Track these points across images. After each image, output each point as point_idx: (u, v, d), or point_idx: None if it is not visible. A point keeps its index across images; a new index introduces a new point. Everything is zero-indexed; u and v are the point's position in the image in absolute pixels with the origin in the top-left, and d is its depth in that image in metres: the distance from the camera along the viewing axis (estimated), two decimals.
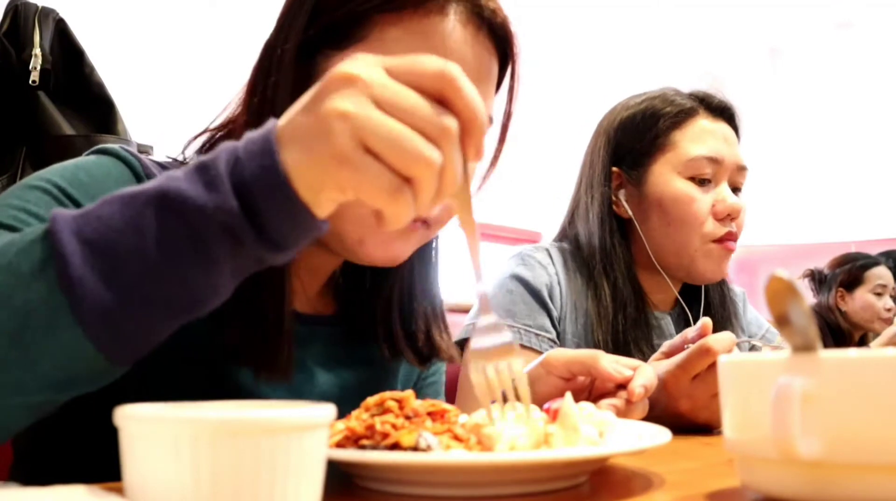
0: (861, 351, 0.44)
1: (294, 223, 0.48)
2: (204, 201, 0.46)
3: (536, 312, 1.15)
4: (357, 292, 0.80)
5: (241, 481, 0.37)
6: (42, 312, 0.46)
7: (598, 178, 1.23)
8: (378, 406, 0.55)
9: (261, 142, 0.47)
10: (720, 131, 1.21)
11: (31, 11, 1.43)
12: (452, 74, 0.47)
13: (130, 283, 0.46)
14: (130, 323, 0.47)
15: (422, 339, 0.79)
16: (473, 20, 0.67)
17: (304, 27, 0.67)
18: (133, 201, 0.47)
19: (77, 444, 0.67)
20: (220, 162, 0.47)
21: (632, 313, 1.16)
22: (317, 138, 0.46)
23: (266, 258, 0.49)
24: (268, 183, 0.46)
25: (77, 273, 0.45)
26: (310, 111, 0.47)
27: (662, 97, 1.23)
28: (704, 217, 1.17)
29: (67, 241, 0.46)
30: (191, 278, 0.47)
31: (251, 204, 0.46)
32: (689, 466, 0.66)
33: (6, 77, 1.38)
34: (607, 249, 1.19)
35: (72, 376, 0.48)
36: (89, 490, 0.40)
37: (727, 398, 0.50)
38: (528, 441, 0.53)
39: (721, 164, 1.18)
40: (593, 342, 1.14)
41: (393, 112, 0.45)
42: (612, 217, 1.21)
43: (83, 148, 1.01)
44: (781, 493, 0.46)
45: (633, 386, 0.73)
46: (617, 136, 1.24)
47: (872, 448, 0.42)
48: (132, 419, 0.38)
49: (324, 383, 0.76)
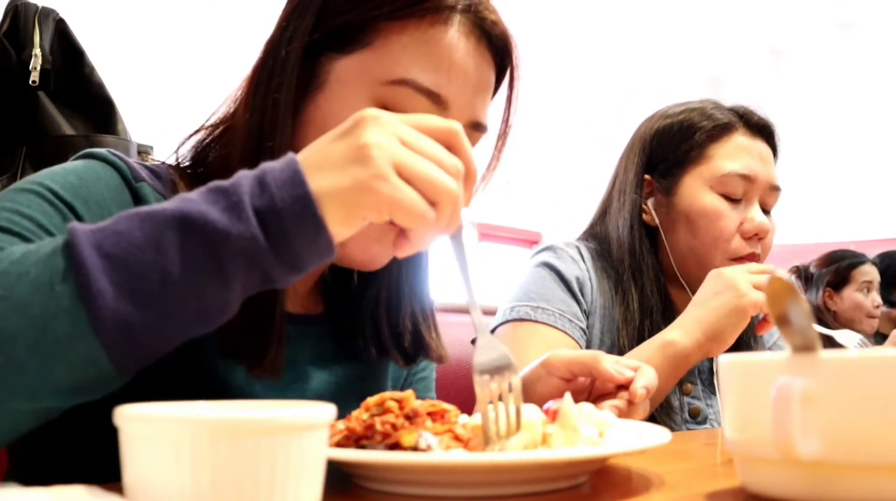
0: (861, 351, 0.44)
1: (313, 249, 0.51)
2: (225, 225, 0.48)
3: (569, 299, 1.15)
4: (345, 292, 0.81)
5: (241, 481, 0.37)
6: (61, 321, 0.47)
7: (631, 184, 1.23)
8: (378, 406, 0.55)
9: (289, 171, 0.50)
10: (756, 149, 1.19)
11: (31, 11, 1.43)
12: (457, 129, 0.55)
13: (149, 297, 0.47)
14: (146, 336, 0.48)
15: (408, 339, 0.79)
16: (475, 32, 0.69)
17: (310, 29, 0.68)
18: (151, 220, 0.49)
19: (69, 444, 0.67)
20: (242, 188, 0.50)
21: (658, 320, 1.15)
22: (355, 163, 0.50)
23: (278, 279, 0.51)
24: (298, 211, 0.49)
25: (97, 286, 0.47)
26: (343, 141, 0.52)
27: (702, 110, 1.22)
28: (731, 234, 1.16)
29: (88, 254, 0.47)
30: (207, 296, 0.49)
31: (277, 231, 0.49)
32: (689, 466, 0.66)
33: (6, 77, 1.38)
34: (636, 255, 1.19)
35: (82, 384, 0.49)
36: (89, 490, 0.41)
37: (727, 398, 0.50)
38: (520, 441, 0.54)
39: (754, 182, 1.17)
40: (618, 344, 1.14)
41: (417, 150, 0.52)
42: (641, 224, 1.21)
43: (83, 148, 1.01)
44: (781, 493, 0.46)
45: (636, 387, 0.73)
46: (652, 144, 1.23)
47: (872, 448, 0.42)
48: (132, 419, 0.38)
49: (315, 379, 0.76)
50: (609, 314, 1.17)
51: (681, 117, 1.23)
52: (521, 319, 1.13)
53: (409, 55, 0.66)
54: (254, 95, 0.68)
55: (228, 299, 0.50)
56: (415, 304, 0.80)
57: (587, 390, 0.79)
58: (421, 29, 0.67)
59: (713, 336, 1.00)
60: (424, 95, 0.66)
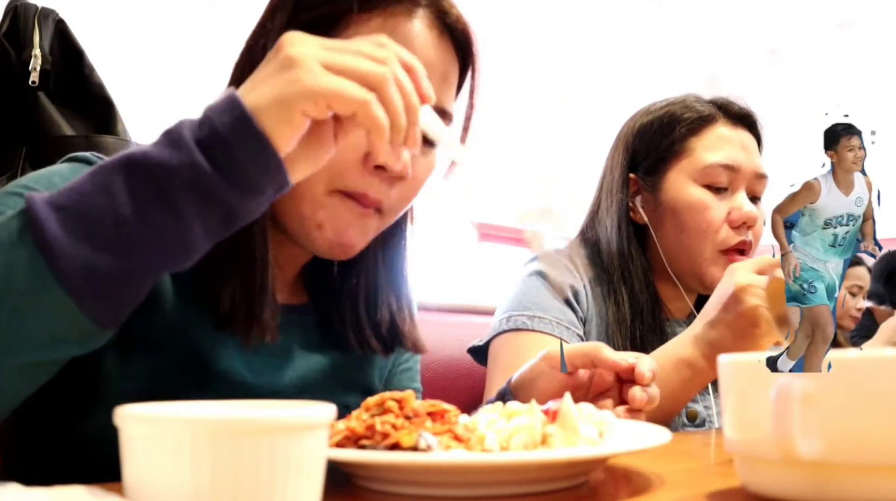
0: (861, 351, 0.44)
1: (264, 168, 0.52)
2: (165, 158, 0.51)
3: (564, 307, 1.15)
4: (327, 283, 0.83)
5: (241, 481, 0.37)
6: (23, 274, 0.49)
7: (617, 184, 1.23)
8: (378, 406, 0.55)
9: (226, 100, 0.53)
10: (738, 139, 1.19)
11: (31, 12, 1.43)
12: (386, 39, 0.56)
13: (105, 240, 0.50)
14: (109, 279, 0.51)
15: (385, 329, 0.81)
16: (437, 25, 0.73)
17: (285, 24, 0.71)
18: (101, 170, 0.52)
19: (58, 445, 0.68)
20: (183, 125, 0.52)
21: (648, 319, 1.15)
22: (282, 70, 0.53)
23: (236, 209, 0.53)
24: (238, 129, 0.51)
25: (52, 235, 0.49)
26: (271, 61, 0.54)
27: (682, 104, 1.22)
28: (718, 225, 1.15)
29: (41, 209, 0.50)
30: (163, 233, 0.51)
31: (223, 155, 0.51)
32: (689, 466, 0.66)
33: (6, 77, 1.38)
34: (625, 255, 1.19)
35: (58, 336, 0.51)
36: (89, 491, 0.41)
37: (727, 398, 0.50)
38: None
39: (738, 171, 1.17)
40: (612, 347, 1.13)
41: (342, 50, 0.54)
42: (628, 224, 1.21)
43: (83, 148, 1.01)
44: (781, 493, 0.46)
45: (642, 370, 0.74)
46: (635, 142, 1.23)
47: (872, 448, 0.42)
48: (132, 419, 0.38)
49: (303, 366, 0.77)
50: (604, 321, 1.16)
51: (661, 113, 1.23)
52: (518, 328, 1.12)
53: None
54: None
55: (187, 236, 0.52)
56: (391, 294, 0.82)
57: (587, 385, 0.79)
58: (388, 21, 0.71)
59: None
60: None
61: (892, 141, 2.68)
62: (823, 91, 5.42)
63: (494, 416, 0.58)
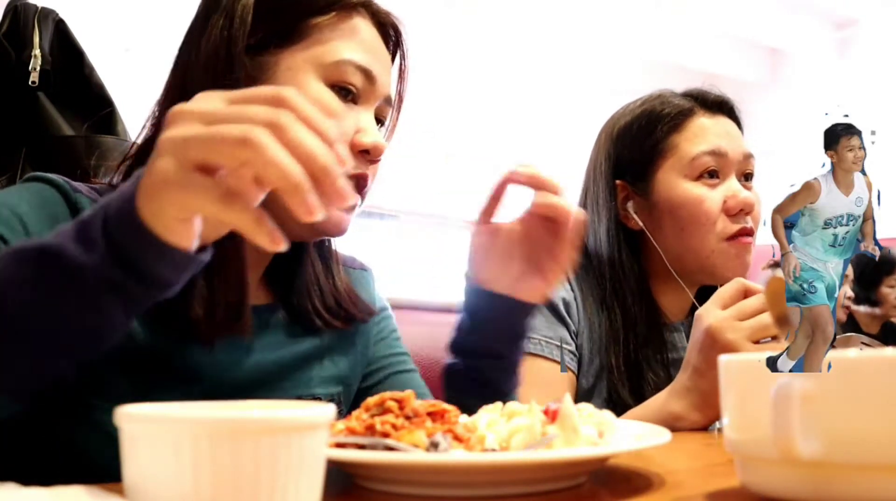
0: (861, 351, 0.44)
1: (166, 260, 0.52)
2: (83, 260, 0.51)
3: (555, 324, 1.13)
4: (287, 279, 0.87)
5: (241, 481, 0.37)
6: None
7: (603, 194, 1.21)
8: (378, 406, 0.55)
9: (128, 189, 0.52)
10: (720, 126, 1.18)
11: (31, 12, 1.42)
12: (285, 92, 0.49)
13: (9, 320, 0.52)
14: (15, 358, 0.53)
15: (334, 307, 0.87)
16: (374, 21, 0.82)
17: (248, 32, 0.75)
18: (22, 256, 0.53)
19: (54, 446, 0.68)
20: (97, 219, 0.52)
21: (643, 331, 1.13)
22: (152, 169, 0.50)
23: (155, 295, 0.54)
24: (129, 228, 0.51)
25: None
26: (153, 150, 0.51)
27: (659, 100, 1.21)
28: (716, 215, 1.13)
29: None
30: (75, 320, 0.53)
31: (124, 254, 0.51)
32: (689, 466, 0.66)
33: (6, 77, 1.38)
34: (616, 266, 1.17)
35: None
36: (89, 491, 0.41)
37: (727, 398, 0.50)
38: None
39: (725, 157, 1.15)
40: (608, 362, 1.12)
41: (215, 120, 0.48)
42: (620, 232, 1.19)
43: (83, 148, 1.01)
44: (781, 493, 0.46)
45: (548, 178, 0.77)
46: (617, 148, 1.21)
47: (872, 448, 0.42)
48: (132, 419, 0.38)
49: (284, 353, 0.81)
50: (597, 335, 1.14)
51: (638, 113, 1.21)
52: None
53: (340, 40, 0.77)
54: None
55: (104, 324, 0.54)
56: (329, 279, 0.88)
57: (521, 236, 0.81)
58: (343, 20, 0.78)
59: None
60: (360, 72, 0.77)
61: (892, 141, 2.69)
62: (823, 91, 5.43)
63: (494, 416, 0.58)
